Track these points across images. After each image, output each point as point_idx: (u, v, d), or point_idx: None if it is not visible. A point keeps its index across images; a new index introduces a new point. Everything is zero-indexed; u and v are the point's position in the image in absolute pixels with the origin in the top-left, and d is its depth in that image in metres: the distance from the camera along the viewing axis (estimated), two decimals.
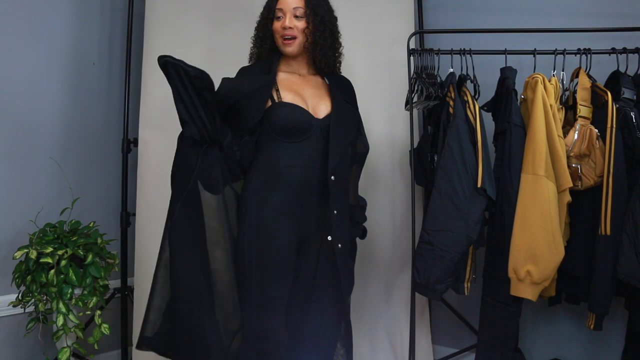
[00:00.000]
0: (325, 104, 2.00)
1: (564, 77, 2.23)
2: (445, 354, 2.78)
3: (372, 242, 2.64)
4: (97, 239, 2.30)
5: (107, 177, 2.77)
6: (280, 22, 1.96)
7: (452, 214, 2.11)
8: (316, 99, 2.00)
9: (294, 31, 1.95)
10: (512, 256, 2.09)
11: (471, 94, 2.24)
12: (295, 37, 1.95)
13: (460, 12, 2.84)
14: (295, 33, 1.95)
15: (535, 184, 2.06)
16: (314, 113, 1.96)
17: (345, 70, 2.16)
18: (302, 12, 1.95)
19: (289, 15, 1.94)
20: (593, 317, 2.12)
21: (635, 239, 1.98)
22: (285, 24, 1.94)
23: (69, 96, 2.65)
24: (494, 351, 2.20)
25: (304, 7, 1.95)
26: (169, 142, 2.64)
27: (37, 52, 2.53)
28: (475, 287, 2.30)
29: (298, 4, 1.95)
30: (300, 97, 1.97)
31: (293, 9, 1.94)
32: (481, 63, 2.32)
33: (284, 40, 1.96)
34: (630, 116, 2.09)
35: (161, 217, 2.62)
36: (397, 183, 2.69)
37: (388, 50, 2.67)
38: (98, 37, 2.77)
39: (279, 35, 1.97)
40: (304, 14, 1.95)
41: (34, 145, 2.50)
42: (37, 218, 2.29)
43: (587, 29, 2.25)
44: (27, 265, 2.14)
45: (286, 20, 1.94)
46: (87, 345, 2.32)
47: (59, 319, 2.14)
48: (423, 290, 2.20)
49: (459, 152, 2.13)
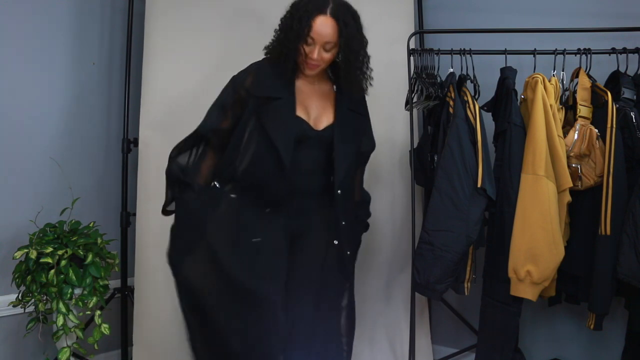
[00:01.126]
0: (327, 115, 1.98)
1: (564, 77, 2.23)
2: (445, 354, 2.78)
3: (372, 242, 2.64)
4: (97, 239, 2.30)
5: (107, 177, 2.77)
6: (309, 48, 1.88)
7: (452, 214, 2.11)
8: (320, 110, 1.98)
9: (320, 62, 1.90)
10: (512, 256, 2.09)
11: (471, 94, 2.24)
12: (319, 65, 1.91)
13: (460, 12, 2.83)
14: (321, 63, 1.91)
15: (535, 184, 2.06)
16: (315, 124, 1.94)
17: None
18: (332, 45, 1.88)
19: (318, 47, 1.87)
20: (593, 317, 2.12)
21: (635, 239, 1.98)
22: (314, 56, 1.87)
23: (69, 96, 2.65)
24: (494, 351, 2.20)
25: (336, 40, 1.87)
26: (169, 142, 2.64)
27: (37, 52, 2.53)
28: (475, 287, 2.30)
29: (330, 38, 1.86)
30: (304, 108, 1.95)
31: (325, 42, 1.86)
32: (481, 63, 2.32)
33: (308, 66, 1.91)
34: (630, 116, 2.09)
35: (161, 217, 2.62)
36: (397, 183, 2.69)
37: (388, 50, 2.66)
38: (98, 37, 2.77)
39: (304, 59, 1.90)
40: (335, 45, 1.88)
41: (34, 145, 2.50)
42: (37, 218, 2.29)
43: (587, 29, 2.25)
44: (27, 265, 2.14)
45: (315, 52, 1.86)
46: (87, 345, 2.32)
47: (59, 319, 2.14)
48: (423, 290, 2.20)
49: (459, 152, 2.13)
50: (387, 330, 2.69)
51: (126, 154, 2.67)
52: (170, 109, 2.61)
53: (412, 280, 2.25)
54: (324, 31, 1.84)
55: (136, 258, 2.57)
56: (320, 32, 1.84)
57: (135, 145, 2.66)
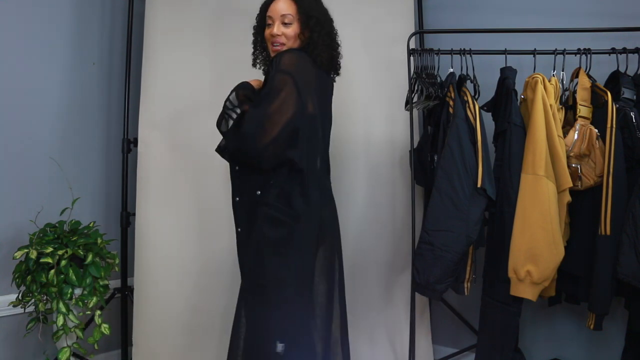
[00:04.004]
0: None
1: (564, 77, 2.23)
2: (445, 354, 2.78)
3: (372, 242, 2.64)
4: (97, 239, 2.30)
5: (107, 177, 2.77)
6: (269, 29, 1.97)
7: (452, 214, 2.11)
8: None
9: (282, 38, 1.95)
10: (512, 256, 2.09)
11: (471, 94, 2.24)
12: (283, 43, 1.96)
13: (460, 12, 2.84)
14: (284, 40, 1.95)
15: (535, 184, 2.06)
16: None
17: (345, 70, 2.15)
18: (292, 18, 1.95)
19: (277, 22, 1.95)
20: (593, 317, 2.12)
21: (635, 239, 1.98)
22: (273, 31, 1.95)
23: (69, 96, 2.65)
24: (494, 351, 2.20)
25: (295, 13, 1.95)
26: (169, 142, 2.65)
27: (37, 52, 2.53)
28: (475, 287, 2.30)
29: (287, 11, 1.95)
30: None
31: (281, 16, 1.95)
32: (481, 63, 2.32)
33: (274, 47, 1.97)
34: (630, 116, 2.09)
35: (161, 217, 2.63)
36: (397, 183, 2.69)
37: (388, 50, 2.67)
38: (98, 37, 2.77)
39: (269, 43, 1.99)
40: (295, 19, 1.95)
41: (34, 145, 2.51)
42: (37, 218, 2.29)
43: (587, 29, 2.25)
44: (27, 265, 2.14)
45: (274, 28, 1.95)
46: (87, 345, 2.32)
47: (59, 319, 2.14)
48: (423, 290, 2.20)
49: (459, 152, 2.13)
50: (387, 330, 2.69)
51: (126, 154, 2.68)
52: (170, 109, 2.62)
53: (412, 280, 2.25)
54: (279, 6, 1.96)
55: (136, 258, 2.57)
56: (275, 9, 1.96)
57: (135, 145, 2.66)
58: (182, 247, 2.56)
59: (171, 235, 2.56)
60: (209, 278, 2.54)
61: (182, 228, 2.57)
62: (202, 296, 2.55)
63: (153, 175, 2.58)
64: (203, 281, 2.55)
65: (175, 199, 2.58)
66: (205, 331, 2.54)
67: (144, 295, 2.53)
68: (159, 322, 2.52)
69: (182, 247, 2.56)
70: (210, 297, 2.54)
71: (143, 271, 2.53)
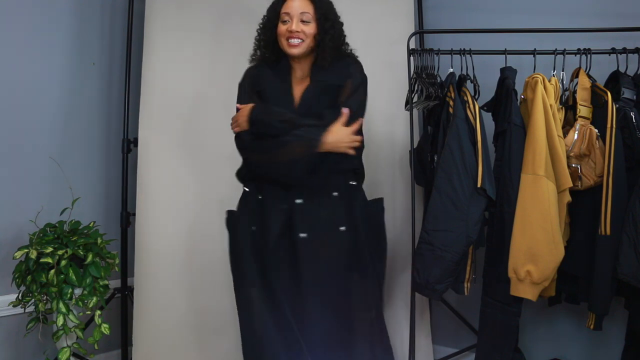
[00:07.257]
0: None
1: (564, 77, 2.23)
2: (445, 354, 2.78)
3: None
4: (97, 239, 2.30)
5: (107, 177, 2.77)
6: (286, 25, 1.99)
7: (452, 214, 2.11)
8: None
9: (301, 34, 1.98)
10: (512, 256, 2.09)
11: (471, 94, 2.24)
12: (302, 40, 1.99)
13: (460, 12, 2.83)
14: (303, 37, 1.99)
15: (535, 184, 2.06)
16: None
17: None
18: (310, 17, 1.98)
19: (296, 19, 1.98)
20: (593, 317, 2.12)
21: (635, 239, 1.98)
22: (292, 27, 1.97)
23: (69, 96, 2.65)
24: (494, 351, 2.20)
25: (313, 12, 1.99)
26: (169, 142, 2.65)
27: (37, 52, 2.53)
28: (475, 287, 2.30)
29: (305, 9, 1.99)
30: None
31: (300, 13, 1.98)
32: (481, 63, 2.32)
33: (289, 42, 1.99)
34: (630, 116, 2.09)
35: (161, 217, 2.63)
36: (397, 183, 2.69)
37: (388, 50, 2.67)
38: (98, 37, 2.77)
39: (284, 38, 2.00)
40: (313, 18, 1.99)
41: (34, 145, 2.50)
42: (37, 218, 2.29)
43: (587, 29, 2.25)
44: (27, 265, 2.14)
45: (293, 25, 1.98)
46: (87, 345, 2.31)
47: (59, 319, 2.14)
48: (423, 290, 2.20)
49: (458, 152, 2.13)
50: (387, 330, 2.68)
51: (126, 154, 2.68)
52: (170, 109, 2.62)
53: (412, 280, 2.25)
54: (297, 4, 1.98)
55: (136, 258, 2.57)
56: (293, 6, 1.99)
57: (135, 145, 2.66)
58: (182, 247, 2.56)
59: (171, 235, 2.56)
60: (209, 278, 2.54)
61: (182, 228, 2.57)
62: (202, 296, 2.55)
63: (153, 175, 2.58)
64: (203, 281, 2.55)
65: (176, 199, 2.58)
66: (205, 331, 2.54)
67: (144, 295, 2.53)
68: (159, 322, 2.52)
69: (182, 247, 2.56)
70: (210, 297, 2.54)
71: (143, 271, 2.53)
